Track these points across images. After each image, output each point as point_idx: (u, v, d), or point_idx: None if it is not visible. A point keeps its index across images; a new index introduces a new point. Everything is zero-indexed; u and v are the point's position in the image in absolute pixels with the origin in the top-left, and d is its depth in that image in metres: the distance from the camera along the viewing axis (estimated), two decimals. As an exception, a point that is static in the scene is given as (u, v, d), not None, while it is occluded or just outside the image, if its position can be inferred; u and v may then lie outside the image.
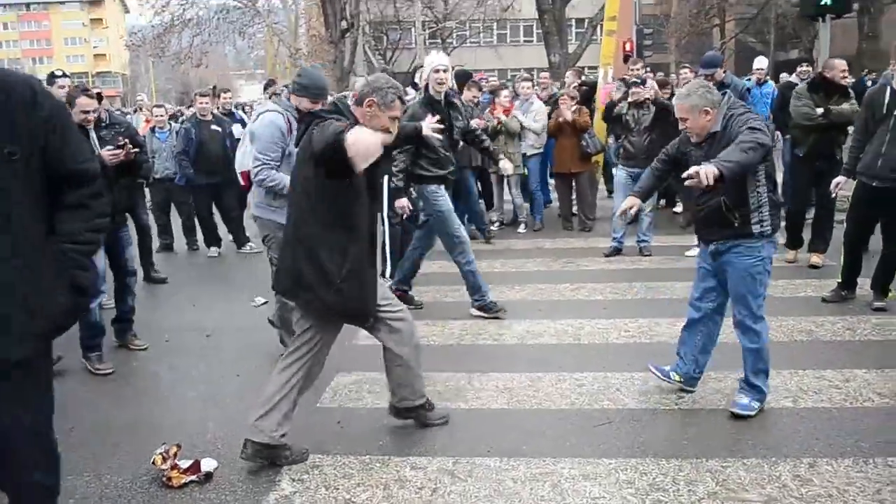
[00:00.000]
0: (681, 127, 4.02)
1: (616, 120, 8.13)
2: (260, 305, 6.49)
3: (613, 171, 9.02)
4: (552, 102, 9.47)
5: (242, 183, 5.43)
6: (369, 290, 3.55)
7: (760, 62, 10.69)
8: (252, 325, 5.92)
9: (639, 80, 8.02)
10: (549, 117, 9.07)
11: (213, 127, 8.76)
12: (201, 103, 8.84)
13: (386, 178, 5.69)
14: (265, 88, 9.05)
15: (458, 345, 5.35)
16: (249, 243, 8.95)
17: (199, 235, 9.22)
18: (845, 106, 6.59)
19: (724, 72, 8.24)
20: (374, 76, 3.66)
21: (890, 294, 5.75)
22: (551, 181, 10.22)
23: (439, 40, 34.09)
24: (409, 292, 6.43)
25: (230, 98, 10.41)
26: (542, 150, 9.23)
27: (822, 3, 8.74)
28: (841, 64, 7.05)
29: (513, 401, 4.28)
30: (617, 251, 7.91)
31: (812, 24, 35.78)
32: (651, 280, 6.84)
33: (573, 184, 9.25)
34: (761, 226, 3.87)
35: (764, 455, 3.54)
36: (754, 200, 3.87)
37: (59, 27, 78.02)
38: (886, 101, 5.44)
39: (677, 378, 4.26)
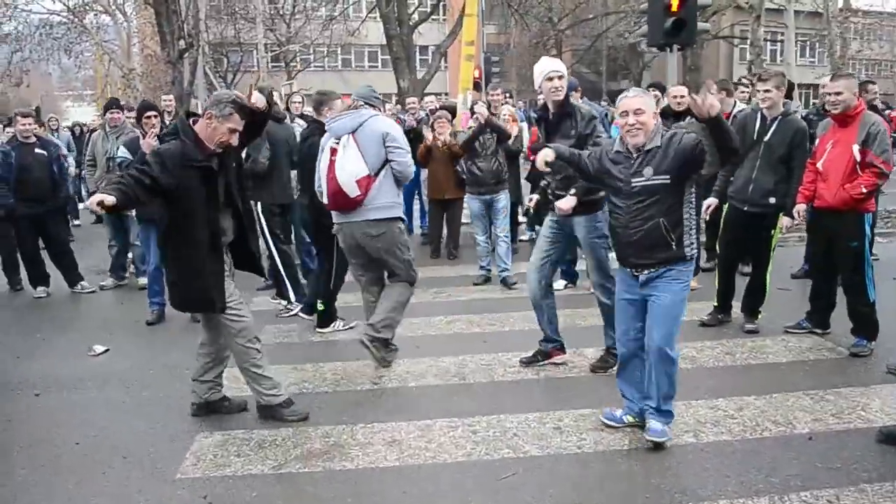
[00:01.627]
0: (631, 121, 3.67)
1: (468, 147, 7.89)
2: (99, 355, 5.66)
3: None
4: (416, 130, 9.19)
5: (359, 193, 4.93)
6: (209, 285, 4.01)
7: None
8: (90, 377, 5.11)
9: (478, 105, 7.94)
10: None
11: (38, 150, 7.73)
12: (23, 124, 7.78)
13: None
14: (106, 109, 8.07)
15: (335, 392, 4.84)
16: (82, 282, 7.94)
17: (24, 274, 8.07)
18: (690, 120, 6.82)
19: (582, 97, 8.29)
20: (218, 92, 4.10)
21: (759, 315, 5.85)
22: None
23: (283, 63, 33.22)
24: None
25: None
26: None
27: (669, 33, 8.99)
28: (675, 90, 7.32)
29: (404, 456, 3.83)
30: (486, 279, 7.75)
31: (640, 57, 38.43)
32: (527, 309, 6.59)
33: (443, 211, 8.96)
34: (691, 248, 3.76)
35: (681, 501, 3.31)
36: (686, 222, 3.74)
37: None
38: (757, 127, 5.56)
39: (631, 419, 4.06)
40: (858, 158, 5.03)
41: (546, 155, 4.06)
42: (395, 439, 4.01)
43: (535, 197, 5.32)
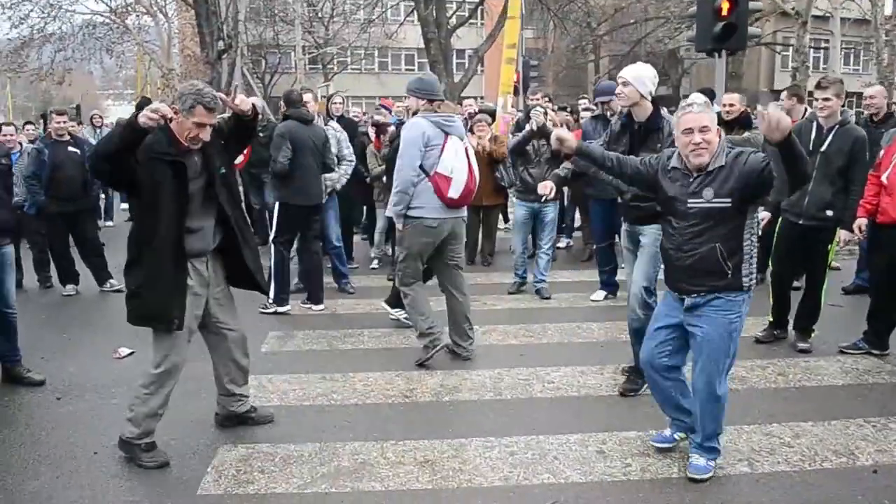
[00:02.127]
0: (697, 139, 3.33)
1: (518, 152, 7.61)
2: (125, 357, 5.53)
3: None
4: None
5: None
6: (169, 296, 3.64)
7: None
8: (113, 382, 4.97)
9: (530, 112, 7.58)
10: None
11: (71, 149, 7.67)
12: (58, 122, 7.73)
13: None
14: (139, 109, 7.96)
15: (364, 404, 4.63)
16: (111, 280, 7.86)
17: (53, 271, 8.02)
18: (746, 134, 6.52)
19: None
20: (182, 86, 3.77)
21: (812, 334, 5.53)
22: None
23: (320, 66, 33.30)
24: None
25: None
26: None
27: (718, 38, 8.67)
28: (726, 98, 7.08)
29: (437, 478, 3.60)
30: (521, 286, 7.50)
31: (679, 63, 37.88)
32: (563, 320, 6.39)
33: (481, 217, 8.72)
34: (750, 278, 3.43)
35: (737, 539, 3.05)
36: (747, 249, 3.42)
37: None
38: (813, 137, 5.24)
39: (682, 437, 3.84)
40: (928, 171, 4.71)
41: (564, 137, 3.80)
42: (428, 459, 3.78)
43: (550, 184, 4.86)
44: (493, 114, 10.18)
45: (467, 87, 22.79)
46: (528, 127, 7.24)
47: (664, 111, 4.47)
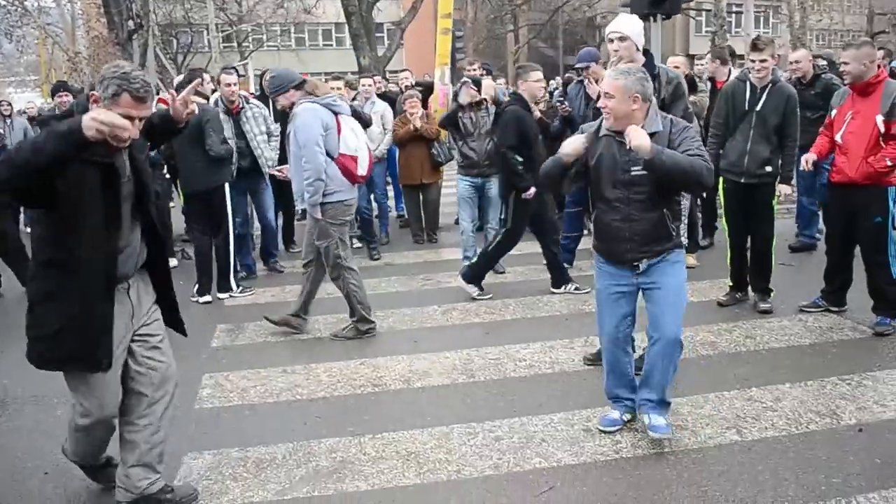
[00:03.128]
0: (600, 104, 3.40)
1: (452, 125, 7.29)
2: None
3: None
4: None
5: None
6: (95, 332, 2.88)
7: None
8: (53, 392, 4.58)
9: (471, 80, 7.35)
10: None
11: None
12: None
13: None
14: (54, 93, 7.44)
15: (333, 396, 4.40)
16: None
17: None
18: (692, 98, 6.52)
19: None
20: (105, 67, 2.88)
21: (772, 294, 5.56)
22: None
23: (235, 44, 32.20)
24: None
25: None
26: (384, 157, 8.42)
27: (654, 2, 8.62)
28: (673, 60, 7.07)
29: (424, 471, 3.42)
30: None
31: (597, 30, 38.21)
32: (523, 295, 6.26)
33: (420, 195, 8.52)
34: (681, 235, 3.62)
35: (743, 512, 2.98)
36: (682, 210, 3.64)
37: None
38: (747, 97, 5.29)
39: (630, 417, 3.77)
40: (882, 130, 4.74)
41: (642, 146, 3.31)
42: (411, 451, 3.59)
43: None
44: (430, 87, 9.93)
45: (392, 62, 22.37)
46: (459, 101, 7.06)
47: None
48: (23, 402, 4.52)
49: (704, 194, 6.21)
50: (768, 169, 5.33)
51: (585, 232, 7.04)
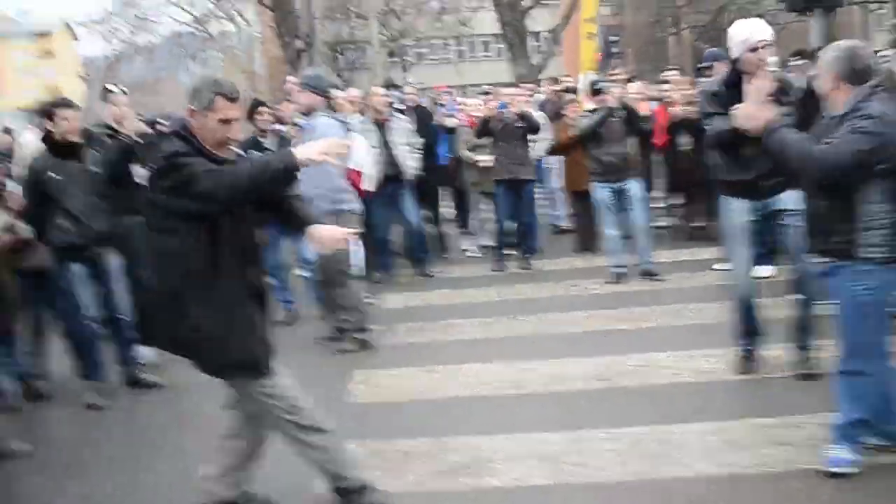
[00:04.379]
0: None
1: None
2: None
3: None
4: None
5: None
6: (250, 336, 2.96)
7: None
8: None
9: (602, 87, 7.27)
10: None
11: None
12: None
13: None
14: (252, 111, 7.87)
15: (473, 397, 4.51)
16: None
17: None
18: None
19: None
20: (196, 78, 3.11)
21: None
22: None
23: (398, 59, 33.43)
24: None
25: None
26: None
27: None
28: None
29: (558, 472, 3.44)
30: (621, 276, 6.95)
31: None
32: (674, 301, 6.10)
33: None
34: None
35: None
36: None
37: (10, 60, 75.51)
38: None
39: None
40: None
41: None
42: (545, 453, 3.62)
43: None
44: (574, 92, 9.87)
45: (547, 69, 22.38)
46: (588, 106, 7.02)
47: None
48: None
49: None
50: None
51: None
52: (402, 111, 8.32)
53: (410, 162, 7.39)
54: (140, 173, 4.79)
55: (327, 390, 4.76)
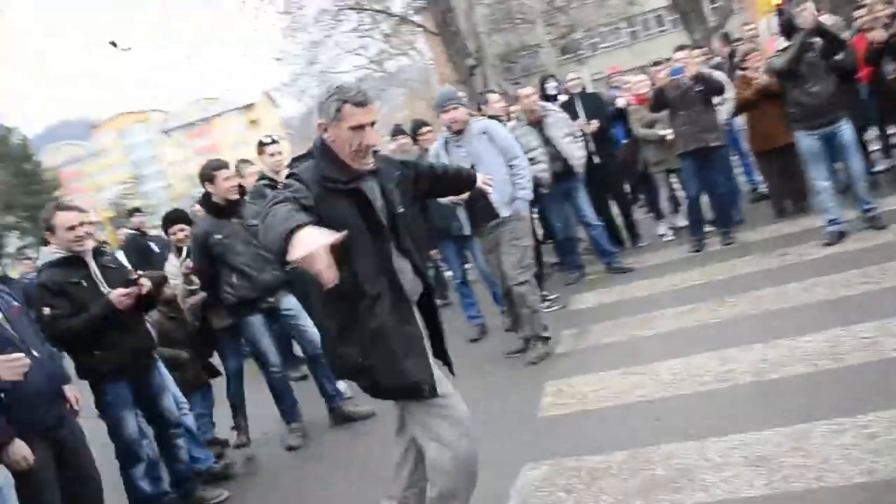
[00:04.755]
0: None
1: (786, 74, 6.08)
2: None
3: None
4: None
5: None
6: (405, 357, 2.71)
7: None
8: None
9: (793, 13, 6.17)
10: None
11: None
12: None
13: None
14: (393, 136, 8.12)
15: (674, 397, 4.03)
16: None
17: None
18: None
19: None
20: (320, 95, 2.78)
21: None
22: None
23: (571, 54, 32.80)
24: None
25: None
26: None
27: None
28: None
29: (776, 479, 2.90)
30: (840, 235, 6.00)
31: None
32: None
33: (781, 160, 7.31)
34: None
35: None
36: None
37: (225, 134, 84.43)
38: None
39: None
40: None
41: None
42: (761, 456, 3.09)
43: None
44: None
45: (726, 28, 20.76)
46: (779, 43, 6.06)
47: None
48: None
49: None
50: None
51: None
52: (567, 101, 8.00)
53: (577, 153, 7.00)
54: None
55: (517, 405, 4.56)
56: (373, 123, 2.74)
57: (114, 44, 36.86)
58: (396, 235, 2.83)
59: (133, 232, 8.93)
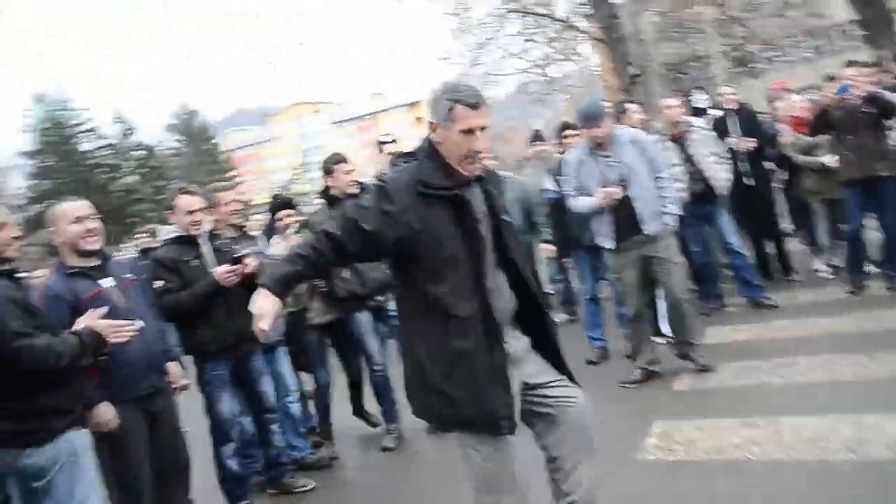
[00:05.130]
0: None
1: None
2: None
3: None
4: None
5: None
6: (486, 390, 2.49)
7: None
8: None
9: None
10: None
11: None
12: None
13: None
14: (533, 142, 7.92)
15: (793, 462, 3.54)
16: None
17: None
18: None
19: None
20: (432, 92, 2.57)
21: None
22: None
23: (744, 67, 31.02)
24: None
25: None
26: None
27: None
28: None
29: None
30: None
31: None
32: None
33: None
34: None
35: None
36: None
37: (390, 129, 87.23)
38: None
39: None
40: None
41: None
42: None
43: None
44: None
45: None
46: None
47: None
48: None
49: None
50: None
51: None
52: (719, 117, 7.43)
53: (722, 175, 6.46)
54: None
55: (617, 442, 4.22)
56: (483, 128, 2.53)
57: (286, 40, 38.96)
58: (500, 244, 2.64)
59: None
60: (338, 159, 5.00)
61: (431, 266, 2.50)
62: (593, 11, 23.48)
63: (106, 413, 3.43)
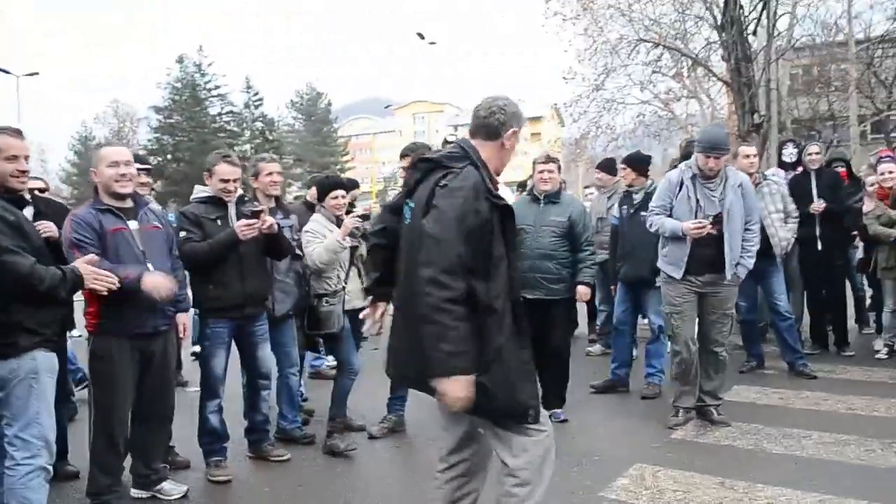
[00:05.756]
0: None
1: None
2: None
3: None
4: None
5: None
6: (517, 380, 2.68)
7: None
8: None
9: None
10: None
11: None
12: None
13: None
14: (602, 168, 7.91)
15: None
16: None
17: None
18: None
19: None
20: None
21: None
22: None
23: (880, 134, 29.33)
24: None
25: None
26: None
27: None
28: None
29: None
30: None
31: None
32: None
33: None
34: None
35: None
36: None
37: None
38: None
39: None
40: None
41: None
42: None
43: None
44: None
45: None
46: None
47: None
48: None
49: None
50: None
51: None
52: (800, 175, 7.11)
53: (783, 234, 6.21)
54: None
55: (588, 475, 4.19)
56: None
57: (421, 35, 39.77)
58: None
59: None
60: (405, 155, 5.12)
61: (486, 264, 2.64)
62: (724, 52, 22.80)
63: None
